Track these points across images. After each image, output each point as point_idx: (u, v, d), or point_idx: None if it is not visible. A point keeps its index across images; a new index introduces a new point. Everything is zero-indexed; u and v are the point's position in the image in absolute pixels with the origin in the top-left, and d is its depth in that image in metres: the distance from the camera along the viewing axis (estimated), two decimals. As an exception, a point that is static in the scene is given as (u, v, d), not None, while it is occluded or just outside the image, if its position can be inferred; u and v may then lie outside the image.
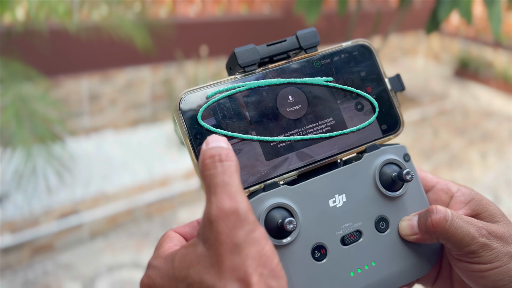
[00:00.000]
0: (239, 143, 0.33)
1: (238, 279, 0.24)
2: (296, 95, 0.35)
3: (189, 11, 3.10)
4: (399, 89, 0.37)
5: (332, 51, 0.36)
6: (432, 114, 3.87)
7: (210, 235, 0.26)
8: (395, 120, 0.37)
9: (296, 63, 0.35)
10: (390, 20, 4.55)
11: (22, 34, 2.03)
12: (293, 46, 0.35)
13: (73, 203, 1.98)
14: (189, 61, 2.99)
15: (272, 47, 0.35)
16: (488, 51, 5.15)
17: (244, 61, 0.34)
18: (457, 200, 0.35)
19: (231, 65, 0.35)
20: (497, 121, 3.87)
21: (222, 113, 0.33)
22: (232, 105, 0.33)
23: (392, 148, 0.36)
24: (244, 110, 0.33)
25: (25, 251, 1.78)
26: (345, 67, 0.36)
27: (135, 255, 1.90)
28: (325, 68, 0.36)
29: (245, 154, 0.33)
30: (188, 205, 2.25)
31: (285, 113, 0.34)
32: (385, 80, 0.37)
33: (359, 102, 0.36)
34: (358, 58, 0.37)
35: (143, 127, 2.93)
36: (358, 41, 0.37)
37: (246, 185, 0.33)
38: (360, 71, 0.36)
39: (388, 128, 0.37)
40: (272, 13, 3.58)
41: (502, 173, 2.92)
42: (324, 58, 0.36)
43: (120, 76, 2.79)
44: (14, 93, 1.61)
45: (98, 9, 2.15)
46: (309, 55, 0.36)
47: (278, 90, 0.34)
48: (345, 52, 0.37)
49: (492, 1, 2.67)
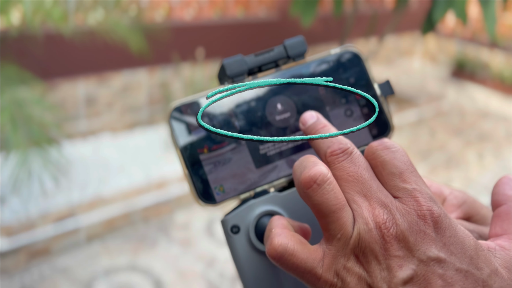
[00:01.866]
0: (230, 152, 0.33)
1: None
2: (285, 103, 0.35)
3: (185, 14, 3.11)
4: (388, 93, 0.37)
5: (320, 59, 0.37)
6: (429, 115, 3.88)
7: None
8: (385, 125, 0.37)
9: (285, 71, 0.36)
10: (386, 21, 4.56)
11: (18, 38, 2.04)
12: (281, 55, 0.35)
13: (70, 207, 1.98)
14: (186, 63, 3.00)
15: (260, 57, 0.35)
16: (484, 51, 5.17)
17: (232, 72, 0.34)
18: (450, 203, 0.35)
19: (221, 76, 0.36)
20: (493, 122, 3.88)
21: (211, 123, 0.33)
22: (222, 115, 0.33)
23: None
24: (234, 120, 0.34)
25: (22, 255, 1.78)
26: (334, 74, 0.36)
27: (132, 258, 1.90)
28: (313, 75, 0.36)
29: (236, 162, 0.33)
30: (185, 208, 2.25)
31: (274, 122, 0.34)
32: (375, 85, 0.37)
33: (349, 108, 0.36)
34: (347, 65, 0.37)
35: (139, 130, 2.93)
36: (346, 48, 0.37)
37: (236, 192, 0.33)
38: (349, 77, 0.36)
39: (378, 132, 0.36)
40: (268, 16, 3.59)
41: (499, 174, 2.93)
42: (312, 65, 0.36)
43: (117, 79, 2.79)
44: (10, 97, 1.61)
45: (94, 13, 2.16)
46: (297, 63, 0.36)
47: (267, 98, 0.35)
48: (334, 59, 0.37)
49: (487, 2, 2.68)
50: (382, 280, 0.23)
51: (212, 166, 0.33)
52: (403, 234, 0.23)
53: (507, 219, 0.28)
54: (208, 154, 0.33)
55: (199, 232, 2.11)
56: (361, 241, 0.23)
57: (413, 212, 0.24)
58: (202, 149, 0.33)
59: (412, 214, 0.23)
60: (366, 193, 0.24)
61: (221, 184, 0.33)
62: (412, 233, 0.23)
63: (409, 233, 0.23)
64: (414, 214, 0.23)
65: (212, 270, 1.88)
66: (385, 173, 0.25)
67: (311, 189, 0.25)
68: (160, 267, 1.87)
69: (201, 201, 0.32)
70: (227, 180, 0.33)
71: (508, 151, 3.29)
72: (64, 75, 2.55)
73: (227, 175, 0.33)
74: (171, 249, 1.98)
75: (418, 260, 0.23)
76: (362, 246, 0.23)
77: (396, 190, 0.25)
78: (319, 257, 0.25)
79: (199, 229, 2.12)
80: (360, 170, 0.25)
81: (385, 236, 0.23)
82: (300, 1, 2.92)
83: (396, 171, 0.25)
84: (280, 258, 0.25)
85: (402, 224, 0.23)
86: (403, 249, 0.23)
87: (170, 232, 2.08)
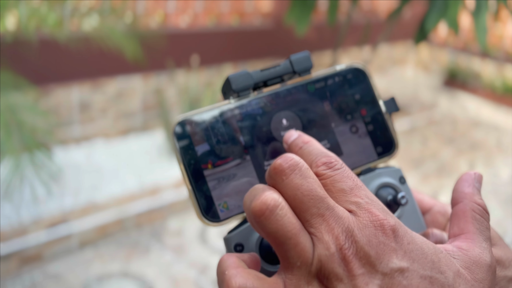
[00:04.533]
0: (234, 167, 0.33)
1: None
2: (291, 119, 0.35)
3: (180, 21, 3.12)
4: (393, 110, 0.37)
5: (326, 75, 0.36)
6: (421, 124, 3.92)
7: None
8: (390, 142, 0.36)
9: (290, 87, 0.35)
10: (379, 30, 4.60)
11: (12, 43, 2.04)
12: (287, 70, 0.35)
13: (63, 213, 1.97)
14: (180, 70, 3.01)
15: (266, 72, 0.35)
16: (476, 61, 5.23)
17: (238, 86, 0.34)
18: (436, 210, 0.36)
19: (225, 89, 0.35)
20: (485, 131, 3.92)
21: (216, 138, 0.33)
22: (226, 130, 0.33)
23: (387, 171, 0.36)
24: (238, 135, 0.33)
25: (13, 261, 1.77)
26: (339, 90, 0.36)
27: (124, 265, 1.89)
28: (319, 91, 0.36)
29: (240, 178, 0.33)
30: (179, 215, 2.25)
31: (279, 137, 0.34)
32: (380, 102, 0.37)
33: (354, 124, 0.36)
34: (352, 81, 0.36)
35: (133, 136, 2.92)
36: (352, 64, 0.37)
37: (240, 210, 0.32)
38: (355, 94, 0.36)
39: (383, 150, 0.36)
40: (262, 24, 3.61)
41: (489, 182, 2.95)
42: (318, 81, 0.36)
43: (111, 85, 2.79)
44: (3, 102, 1.60)
45: (89, 20, 2.16)
46: (303, 79, 0.36)
47: (272, 114, 0.34)
48: (339, 75, 0.36)
49: (479, 13, 2.72)
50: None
51: (216, 182, 0.32)
52: (363, 250, 0.22)
53: (464, 217, 0.28)
54: (212, 169, 0.32)
55: (192, 239, 2.11)
56: (323, 267, 0.23)
57: (370, 224, 0.23)
58: (206, 164, 0.32)
59: (369, 226, 0.23)
60: (323, 213, 0.23)
61: (225, 201, 0.32)
62: (372, 247, 0.23)
63: (369, 247, 0.23)
64: (371, 226, 0.23)
65: (205, 277, 1.88)
66: (335, 189, 0.25)
67: (263, 217, 0.23)
68: (152, 273, 1.86)
69: (205, 219, 0.32)
70: (231, 196, 0.32)
71: (498, 160, 3.32)
72: (58, 80, 2.55)
73: (231, 192, 0.32)
74: (163, 255, 1.98)
75: (382, 274, 0.22)
76: (325, 271, 0.23)
77: (349, 205, 0.24)
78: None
79: (192, 236, 2.12)
80: (314, 187, 0.24)
81: (346, 256, 0.22)
82: (295, 10, 2.94)
83: (347, 187, 0.25)
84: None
85: (361, 239, 0.23)
86: (366, 266, 0.22)
87: (163, 239, 2.08)
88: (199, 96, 2.84)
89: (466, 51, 5.34)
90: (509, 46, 5.09)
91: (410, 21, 5.18)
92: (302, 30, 2.95)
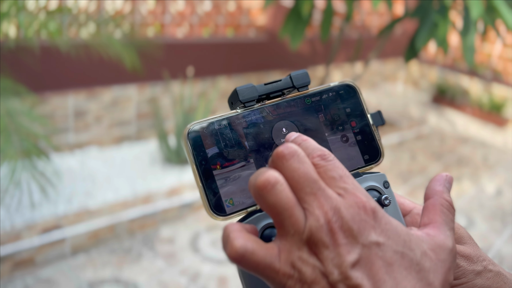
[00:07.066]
0: (239, 169, 0.37)
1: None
2: (290, 127, 0.40)
3: (177, 32, 3.18)
4: (379, 123, 0.42)
5: (321, 90, 0.42)
6: (410, 139, 3.99)
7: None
8: (376, 151, 0.41)
9: (290, 99, 0.41)
10: (371, 47, 4.70)
11: (12, 50, 2.06)
12: (287, 85, 0.40)
13: (56, 218, 1.99)
14: (175, 81, 3.05)
15: (269, 86, 0.40)
16: (464, 79, 5.35)
17: (244, 98, 0.39)
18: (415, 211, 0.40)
19: (232, 100, 0.40)
20: (471, 147, 4.01)
21: (224, 143, 0.37)
22: (233, 136, 0.38)
23: (373, 176, 0.40)
24: (244, 140, 0.38)
25: (6, 265, 1.78)
26: (332, 104, 0.41)
27: (116, 271, 1.91)
28: (315, 104, 0.41)
29: (244, 178, 0.37)
30: (171, 222, 2.27)
31: (279, 143, 0.39)
32: (368, 116, 0.42)
33: (344, 134, 0.41)
34: (344, 96, 0.42)
35: (127, 144, 2.95)
36: (344, 81, 0.42)
37: (244, 206, 0.37)
38: (346, 107, 0.41)
39: (370, 158, 0.41)
40: (257, 37, 3.67)
41: (475, 197, 3.02)
42: (314, 95, 0.41)
43: (106, 94, 2.82)
44: (3, 108, 1.63)
45: (86, 28, 2.20)
46: (301, 93, 0.41)
47: (274, 123, 0.39)
48: (333, 90, 0.42)
49: (467, 33, 2.80)
50: (334, 266, 0.26)
51: (224, 181, 0.37)
52: (348, 225, 0.27)
53: (433, 210, 0.33)
54: (221, 170, 0.37)
55: (184, 246, 2.13)
56: (312, 235, 0.27)
57: (354, 205, 0.28)
58: (215, 165, 0.37)
59: (353, 206, 0.28)
60: (315, 192, 0.28)
61: (231, 198, 0.37)
62: (355, 222, 0.27)
63: (353, 223, 0.27)
64: (355, 206, 0.28)
65: (196, 285, 1.90)
66: (327, 177, 0.29)
67: (265, 190, 0.28)
68: (144, 280, 1.88)
69: (213, 213, 0.36)
70: (236, 194, 0.37)
71: (484, 176, 3.40)
72: (55, 88, 2.58)
73: (236, 190, 0.37)
74: (155, 262, 2.00)
75: (362, 245, 0.27)
76: (314, 240, 0.27)
77: (338, 189, 0.29)
78: (276, 252, 0.28)
79: (184, 244, 2.15)
80: (309, 171, 0.29)
81: (333, 228, 0.27)
82: (289, 24, 3.01)
83: (337, 175, 0.29)
84: (242, 258, 0.27)
85: (346, 216, 0.27)
86: (349, 237, 0.27)
87: (155, 246, 2.10)
88: (193, 106, 2.89)
89: (455, 69, 5.47)
90: (496, 65, 5.22)
91: (401, 38, 5.29)
92: (296, 44, 3.01)
